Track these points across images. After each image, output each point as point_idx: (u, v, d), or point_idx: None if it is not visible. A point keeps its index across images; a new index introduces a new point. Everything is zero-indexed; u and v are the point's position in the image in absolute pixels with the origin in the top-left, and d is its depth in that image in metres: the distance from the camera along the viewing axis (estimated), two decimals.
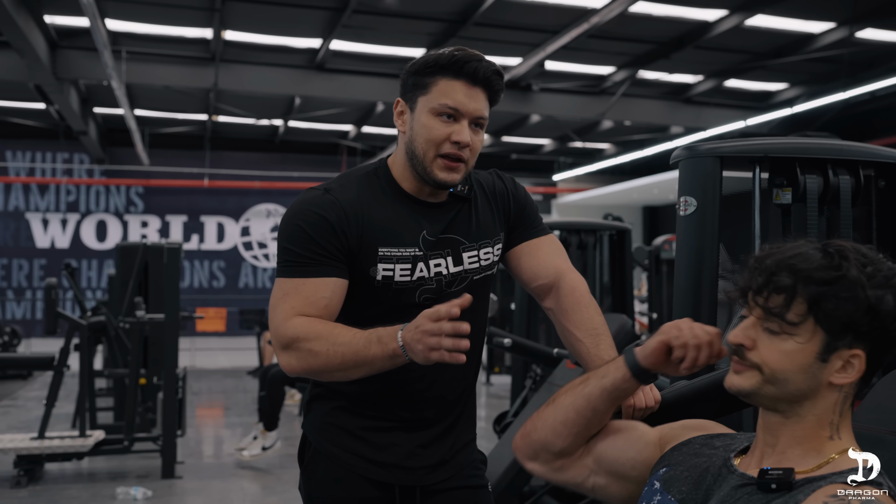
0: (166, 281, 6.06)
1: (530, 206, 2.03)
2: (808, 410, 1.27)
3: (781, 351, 1.27)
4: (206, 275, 18.50)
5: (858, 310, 1.21)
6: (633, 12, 9.66)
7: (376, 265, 1.80)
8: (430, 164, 1.80)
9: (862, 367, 1.24)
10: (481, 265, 1.91)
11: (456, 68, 1.79)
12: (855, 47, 10.79)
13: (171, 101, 14.53)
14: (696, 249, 2.12)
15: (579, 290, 1.93)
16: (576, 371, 3.92)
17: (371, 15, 10.02)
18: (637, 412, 1.64)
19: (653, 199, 19.35)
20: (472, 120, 1.82)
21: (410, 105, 1.84)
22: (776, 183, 2.17)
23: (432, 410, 1.91)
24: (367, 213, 1.81)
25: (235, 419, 8.73)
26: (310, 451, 1.95)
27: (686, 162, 2.17)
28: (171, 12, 10.15)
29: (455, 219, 1.89)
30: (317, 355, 1.67)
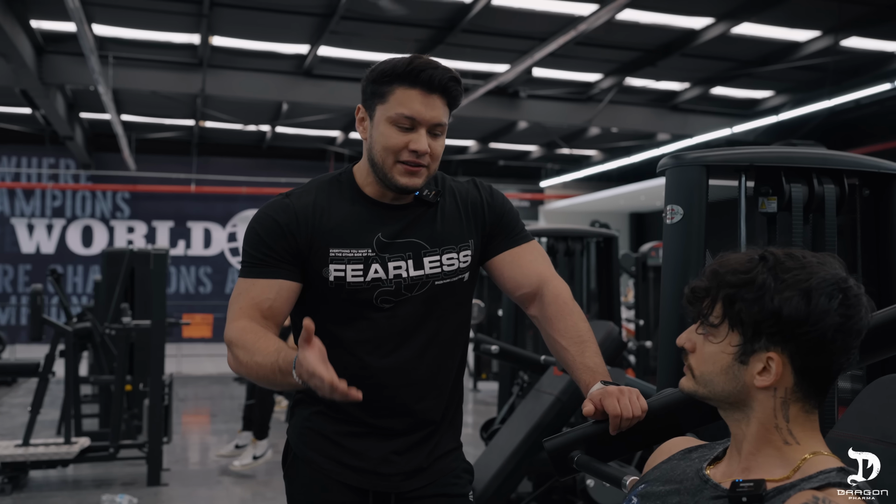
0: (153, 287, 6.03)
1: (509, 213, 2.02)
2: (749, 414, 1.29)
3: (705, 353, 1.33)
4: (193, 281, 18.45)
5: (763, 312, 1.23)
6: (620, 20, 9.72)
7: (328, 266, 1.83)
8: (390, 170, 1.83)
9: (779, 371, 1.24)
10: (444, 270, 1.90)
11: (412, 77, 1.79)
12: (840, 55, 10.87)
13: (157, 107, 14.49)
14: (683, 257, 2.13)
15: (562, 297, 1.93)
16: (563, 378, 3.93)
17: (359, 21, 10.03)
18: (624, 422, 1.64)
19: (640, 205, 19.41)
20: (430, 128, 1.83)
21: (370, 113, 1.87)
22: (762, 192, 2.18)
23: (404, 419, 1.90)
24: (320, 215, 1.86)
25: (222, 426, 8.69)
26: (291, 455, 1.98)
27: (672, 170, 2.18)
28: (159, 18, 10.13)
29: (415, 222, 1.90)
30: (240, 364, 1.74)
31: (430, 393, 1.93)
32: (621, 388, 1.68)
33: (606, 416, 1.67)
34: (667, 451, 1.51)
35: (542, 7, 9.47)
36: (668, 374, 2.13)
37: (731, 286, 1.27)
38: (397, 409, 1.90)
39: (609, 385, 1.72)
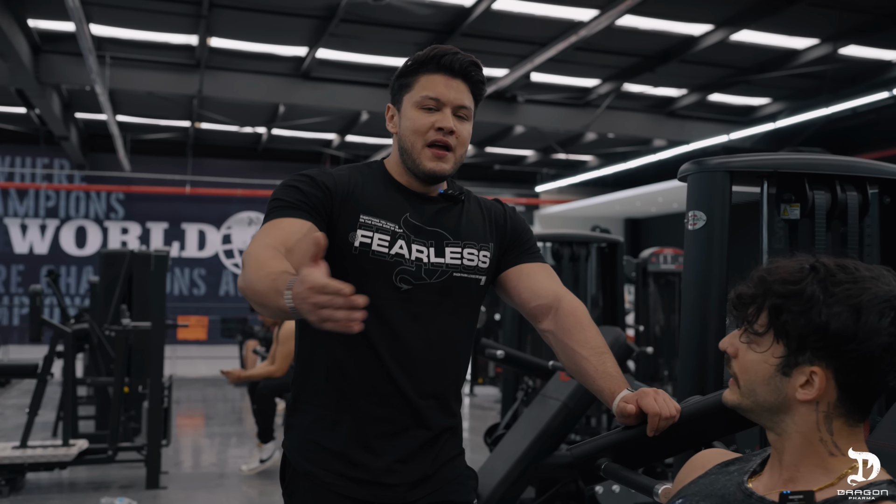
0: (153, 289, 6.00)
1: (527, 233, 2.06)
2: (790, 427, 1.26)
3: (749, 361, 1.30)
4: (187, 283, 18.39)
5: (809, 326, 1.20)
6: (620, 26, 9.73)
7: (356, 230, 1.82)
8: (419, 154, 1.87)
9: (822, 386, 1.21)
10: (464, 263, 1.90)
11: (434, 62, 1.88)
12: (838, 63, 10.89)
13: (153, 108, 14.45)
14: (705, 263, 2.12)
15: (580, 312, 1.94)
16: (570, 383, 3.91)
17: (358, 24, 10.02)
18: (662, 421, 1.63)
19: (635, 211, 19.44)
20: (455, 109, 1.88)
21: (398, 106, 1.94)
22: (785, 198, 2.17)
23: (406, 413, 1.85)
24: (355, 185, 1.88)
25: (217, 429, 8.66)
26: (289, 470, 1.92)
27: (695, 176, 2.16)
28: (157, 18, 10.10)
29: (441, 214, 1.93)
30: (246, 280, 1.60)
31: (434, 388, 1.89)
32: (655, 389, 1.68)
33: (639, 421, 1.66)
34: (700, 465, 1.48)
35: (543, 12, 9.47)
36: (689, 380, 2.11)
37: (779, 296, 1.24)
38: (399, 404, 1.85)
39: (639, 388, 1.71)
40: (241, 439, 8.05)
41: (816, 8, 9.17)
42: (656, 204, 17.72)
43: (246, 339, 10.87)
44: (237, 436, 8.27)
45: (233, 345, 13.76)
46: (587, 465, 1.73)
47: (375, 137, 16.38)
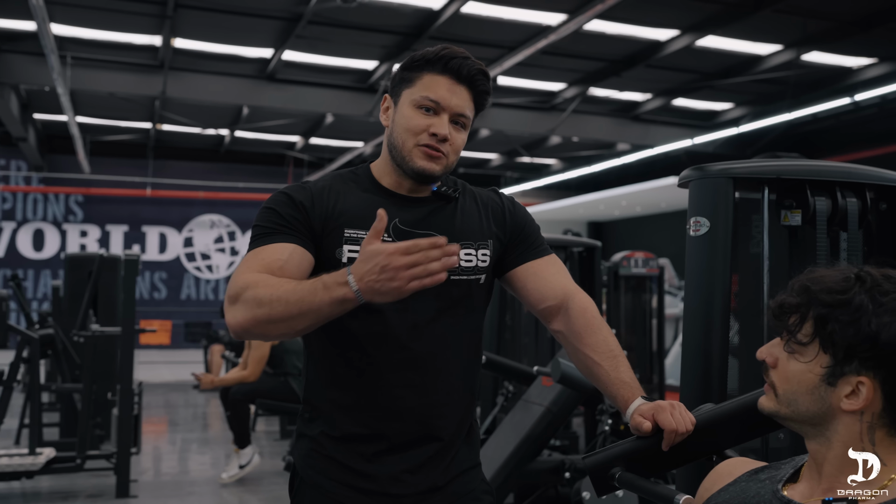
0: (124, 293, 5.89)
1: (531, 224, 1.99)
2: (833, 436, 1.25)
3: (791, 371, 1.29)
4: (147, 286, 18.13)
5: (858, 336, 1.19)
6: (587, 30, 9.78)
7: (342, 246, 1.77)
8: (409, 152, 1.80)
9: (869, 396, 1.20)
10: (461, 266, 1.84)
11: (441, 63, 1.80)
12: (800, 69, 11.05)
13: (114, 109, 14.24)
14: (708, 270, 2.11)
15: (590, 311, 1.88)
16: (553, 388, 3.90)
17: (326, 26, 9.96)
18: (678, 437, 1.61)
19: (598, 214, 19.56)
20: (453, 116, 1.81)
21: (395, 99, 1.86)
22: (786, 204, 2.17)
23: (413, 424, 1.81)
24: (336, 199, 1.81)
25: (184, 435, 8.54)
26: (297, 480, 1.88)
27: (697, 182, 2.15)
28: (121, 18, 9.95)
29: (434, 214, 1.86)
30: (260, 303, 1.56)
31: (441, 397, 1.84)
32: (671, 403, 1.66)
33: (655, 432, 1.64)
34: (727, 473, 1.47)
35: (512, 16, 9.49)
36: (693, 388, 2.10)
37: (826, 305, 1.23)
38: (406, 412, 1.80)
39: (654, 400, 1.69)
40: (208, 445, 7.95)
41: (781, 14, 9.29)
42: (620, 207, 17.84)
43: (211, 343, 10.75)
44: (204, 442, 8.16)
45: (196, 349, 13.59)
46: (600, 474, 1.71)
47: (340, 140, 16.30)
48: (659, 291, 7.29)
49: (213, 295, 18.51)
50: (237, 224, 18.85)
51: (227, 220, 18.77)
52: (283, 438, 7.86)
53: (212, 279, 18.66)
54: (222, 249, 18.79)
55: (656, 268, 7.12)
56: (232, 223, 18.82)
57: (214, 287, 18.65)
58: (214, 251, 18.71)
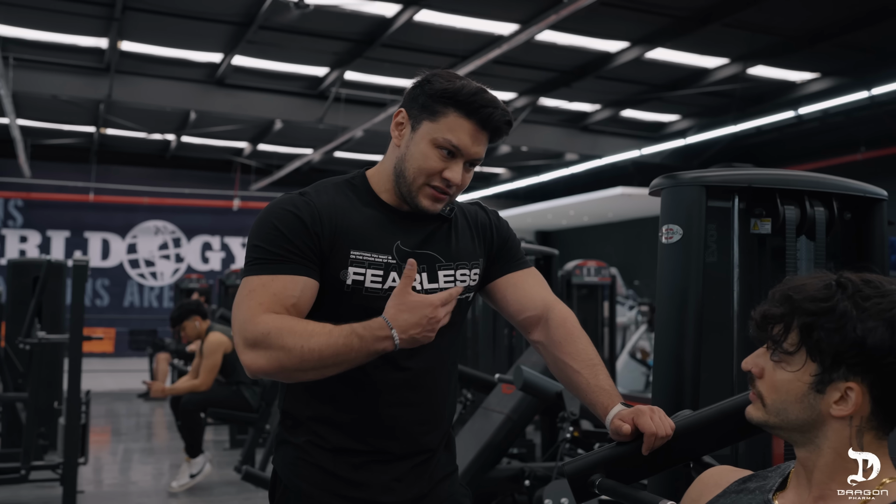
0: (72, 300, 5.74)
1: (513, 239, 2.02)
2: (822, 442, 1.26)
3: (778, 380, 1.29)
4: (90, 293, 17.75)
5: (845, 342, 1.21)
6: (539, 41, 9.84)
7: (347, 268, 1.74)
8: (417, 190, 1.78)
9: (858, 401, 1.22)
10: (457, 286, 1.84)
11: (472, 108, 1.75)
12: (746, 83, 11.27)
13: (57, 112, 13.93)
14: (681, 277, 2.12)
15: (570, 322, 1.91)
16: (513, 396, 3.90)
17: (277, 32, 9.87)
18: (658, 441, 1.62)
19: (546, 224, 19.69)
20: (469, 160, 1.80)
21: (413, 123, 1.80)
22: (756, 213, 2.20)
23: (404, 440, 1.83)
24: (341, 215, 1.77)
25: (131, 444, 8.37)
26: (280, 488, 1.86)
27: (670, 190, 2.17)
28: (66, 20, 9.74)
29: (433, 235, 1.86)
30: (290, 352, 1.58)
31: (430, 412, 1.86)
32: (651, 407, 1.67)
33: (634, 436, 1.65)
34: (714, 483, 1.47)
35: (465, 25, 9.52)
36: (666, 395, 2.11)
37: (810, 314, 1.24)
38: (398, 430, 1.82)
39: (633, 406, 1.70)
40: (154, 455, 7.80)
41: (728, 29, 9.46)
42: (567, 217, 17.99)
43: (157, 351, 10.56)
44: (150, 452, 8.00)
45: (140, 357, 13.35)
46: (580, 482, 1.71)
47: (289, 147, 16.17)
48: (611, 300, 7.35)
49: (158, 302, 18.22)
50: (182, 230, 18.58)
51: (172, 227, 18.50)
52: (233, 448, 7.74)
53: (156, 286, 18.36)
54: (167, 256, 18.51)
55: (608, 276, 7.18)
56: (177, 229, 18.55)
57: (159, 294, 18.35)
58: (159, 258, 18.41)
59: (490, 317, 6.15)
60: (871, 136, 12.47)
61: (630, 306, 11.59)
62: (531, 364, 3.77)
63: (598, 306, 7.31)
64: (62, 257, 16.39)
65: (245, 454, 5.90)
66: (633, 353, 9.97)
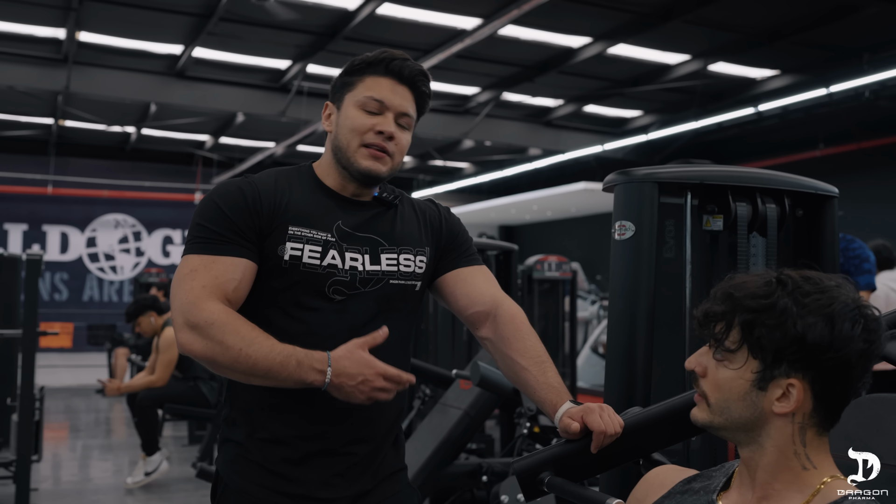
0: (25, 294, 5.64)
1: (464, 234, 2.03)
2: (766, 441, 1.26)
3: (721, 378, 1.29)
4: (48, 287, 17.49)
5: (785, 338, 1.21)
6: (502, 35, 9.83)
7: (284, 244, 1.75)
8: (354, 152, 1.81)
9: (800, 397, 1.22)
10: (400, 270, 1.85)
11: (383, 65, 1.83)
12: (707, 79, 11.35)
13: (14, 103, 13.70)
14: (633, 274, 2.12)
15: (519, 318, 1.90)
16: (471, 392, 3.89)
17: (238, 23, 9.78)
18: (607, 439, 1.61)
19: (510, 218, 19.73)
20: (397, 116, 1.83)
21: (338, 104, 1.88)
22: (708, 209, 2.20)
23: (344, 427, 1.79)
24: (283, 195, 1.80)
25: (89, 440, 8.27)
26: (221, 485, 1.83)
27: (622, 186, 2.17)
28: (22, 9, 9.57)
29: (375, 219, 1.87)
30: (227, 350, 1.60)
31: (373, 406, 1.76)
32: (600, 405, 1.67)
33: (583, 434, 1.64)
34: (658, 483, 1.47)
35: (427, 19, 9.48)
36: (617, 391, 2.11)
37: (751, 311, 1.23)
38: (338, 414, 1.78)
39: (582, 403, 1.69)
40: (111, 452, 7.70)
41: (689, 25, 9.52)
42: (531, 212, 18.03)
43: (115, 346, 10.43)
44: (107, 448, 7.91)
45: (99, 353, 13.18)
46: (529, 479, 1.70)
47: (250, 140, 16.04)
48: (571, 295, 7.37)
49: (118, 297, 17.99)
50: (143, 224, 18.36)
51: (132, 220, 18.28)
52: (191, 444, 7.67)
53: (116, 280, 18.13)
54: (127, 250, 18.28)
55: (569, 271, 7.20)
56: (137, 223, 18.33)
57: (119, 288, 18.12)
58: (119, 251, 18.18)
59: (449, 312, 6.15)
60: (830, 134, 12.62)
61: (592, 301, 11.63)
62: (489, 360, 3.77)
63: (560, 301, 7.33)
64: (20, 251, 16.13)
65: (202, 451, 5.85)
66: (595, 348, 10.00)
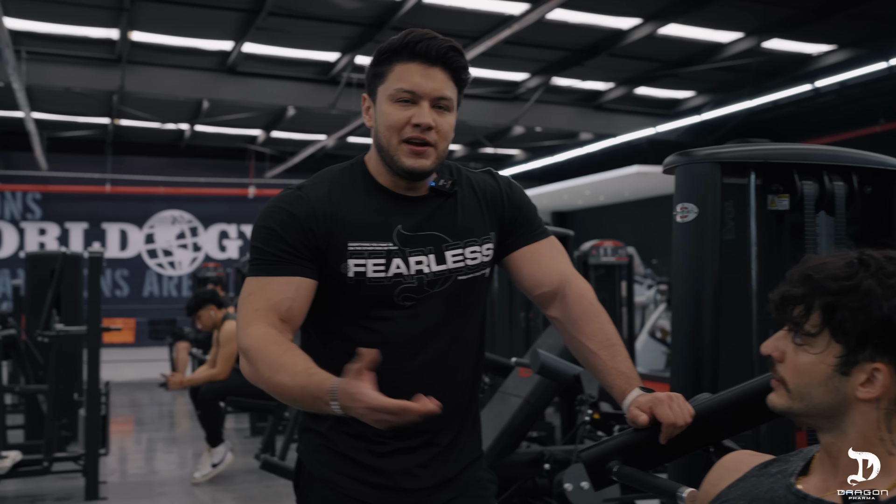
0: (89, 291, 5.76)
1: (528, 206, 1.94)
2: (849, 427, 1.21)
3: (801, 363, 1.24)
4: (109, 284, 17.84)
5: (870, 321, 1.16)
6: (550, 19, 9.74)
7: (346, 261, 1.71)
8: (395, 150, 1.73)
9: (886, 382, 1.17)
10: (467, 264, 1.81)
11: (409, 49, 1.72)
12: (761, 57, 11.13)
13: (71, 104, 13.96)
14: (697, 256, 2.08)
15: (588, 298, 1.84)
16: (531, 379, 3.87)
17: (286, 17, 9.83)
18: (676, 430, 1.58)
19: (562, 204, 19.60)
20: (433, 101, 1.73)
21: (373, 98, 1.79)
22: (773, 189, 2.15)
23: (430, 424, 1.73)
24: (337, 208, 1.74)
25: (153, 434, 8.42)
26: (304, 474, 1.84)
27: (683, 168, 2.13)
28: (76, 11, 9.74)
29: (436, 214, 1.80)
30: (260, 376, 1.63)
31: (453, 399, 1.80)
32: (669, 395, 1.63)
33: (652, 424, 1.61)
34: (733, 468, 1.43)
35: (474, 6, 9.44)
36: (684, 377, 2.08)
37: (832, 293, 1.19)
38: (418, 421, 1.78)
39: (652, 392, 1.66)
40: (176, 444, 7.84)
41: (742, 2, 9.34)
42: (583, 197, 17.89)
43: (176, 341, 10.61)
44: (172, 441, 8.05)
45: (160, 347, 13.41)
46: (597, 469, 1.68)
47: (302, 133, 16.14)
48: (628, 279, 7.30)
49: (177, 292, 18.28)
50: (199, 219, 18.62)
51: (188, 216, 18.54)
52: (253, 435, 7.77)
53: (174, 276, 18.42)
54: (184, 245, 18.56)
55: (625, 256, 7.13)
56: (194, 218, 18.59)
57: (177, 284, 18.42)
58: (177, 247, 18.46)
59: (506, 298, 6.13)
60: (890, 108, 12.29)
61: (648, 285, 11.51)
62: (548, 346, 3.74)
63: (616, 286, 7.27)
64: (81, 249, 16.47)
65: (265, 442, 5.91)
66: (653, 333, 9.91)
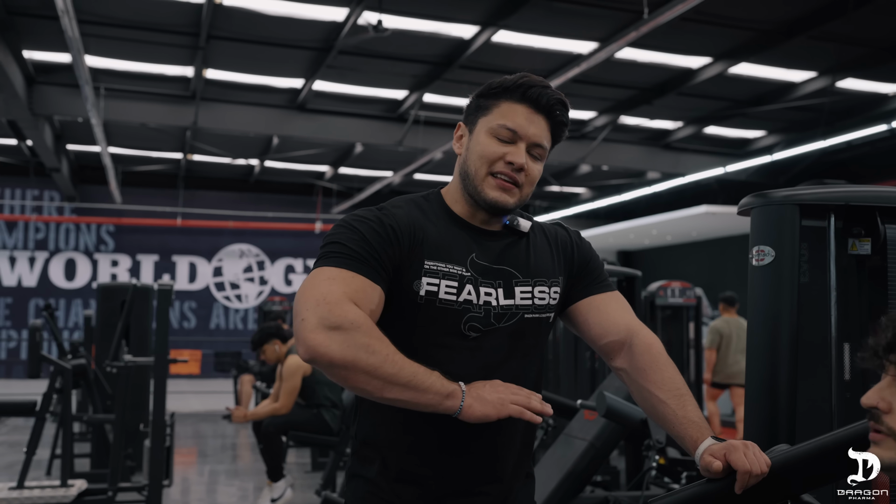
0: (157, 323, 5.84)
1: (595, 260, 1.94)
2: None
3: None
4: (177, 316, 18.16)
5: None
6: (619, 58, 9.71)
7: (420, 278, 1.69)
8: (482, 181, 1.74)
9: None
10: (535, 303, 1.79)
11: (520, 92, 1.74)
12: (835, 96, 10.92)
13: (145, 139, 14.36)
14: (774, 302, 2.01)
15: (656, 348, 1.81)
16: (596, 423, 3.80)
17: (356, 56, 9.97)
18: (752, 478, 1.52)
19: (628, 243, 19.39)
20: (530, 146, 1.75)
21: (470, 127, 1.81)
22: (854, 233, 2.07)
23: (482, 469, 1.74)
24: (417, 226, 1.73)
25: (216, 466, 8.47)
26: None
27: (760, 210, 2.07)
28: (154, 50, 10.02)
29: (509, 250, 1.80)
30: (372, 354, 1.49)
31: (506, 438, 1.77)
32: (745, 443, 1.57)
33: (726, 473, 1.55)
34: None
35: (543, 45, 9.45)
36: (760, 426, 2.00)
37: None
38: (474, 453, 1.73)
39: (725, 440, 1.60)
40: (238, 477, 7.87)
41: (814, 42, 9.19)
42: (650, 236, 17.69)
43: (241, 373, 10.70)
44: (234, 473, 8.08)
45: (225, 379, 13.55)
46: None
47: (369, 170, 16.31)
48: (696, 321, 7.17)
49: (243, 324, 18.52)
50: (266, 253, 18.88)
51: (256, 250, 18.81)
52: (314, 470, 7.76)
53: (241, 308, 18.66)
54: (251, 279, 18.82)
55: (693, 297, 7.01)
56: (261, 252, 18.86)
57: (244, 316, 18.65)
58: (244, 280, 18.73)
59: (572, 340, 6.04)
60: None
61: None
62: (614, 389, 3.67)
63: (684, 328, 7.14)
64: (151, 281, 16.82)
65: (325, 478, 5.89)
66: None
